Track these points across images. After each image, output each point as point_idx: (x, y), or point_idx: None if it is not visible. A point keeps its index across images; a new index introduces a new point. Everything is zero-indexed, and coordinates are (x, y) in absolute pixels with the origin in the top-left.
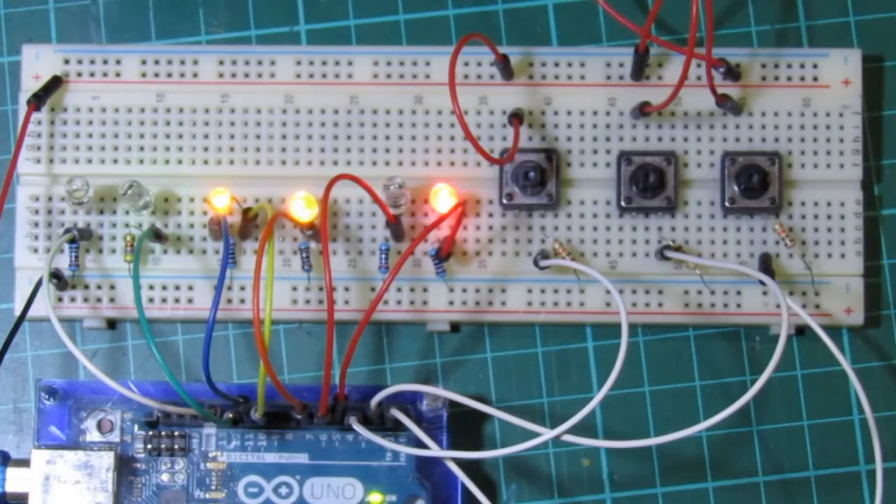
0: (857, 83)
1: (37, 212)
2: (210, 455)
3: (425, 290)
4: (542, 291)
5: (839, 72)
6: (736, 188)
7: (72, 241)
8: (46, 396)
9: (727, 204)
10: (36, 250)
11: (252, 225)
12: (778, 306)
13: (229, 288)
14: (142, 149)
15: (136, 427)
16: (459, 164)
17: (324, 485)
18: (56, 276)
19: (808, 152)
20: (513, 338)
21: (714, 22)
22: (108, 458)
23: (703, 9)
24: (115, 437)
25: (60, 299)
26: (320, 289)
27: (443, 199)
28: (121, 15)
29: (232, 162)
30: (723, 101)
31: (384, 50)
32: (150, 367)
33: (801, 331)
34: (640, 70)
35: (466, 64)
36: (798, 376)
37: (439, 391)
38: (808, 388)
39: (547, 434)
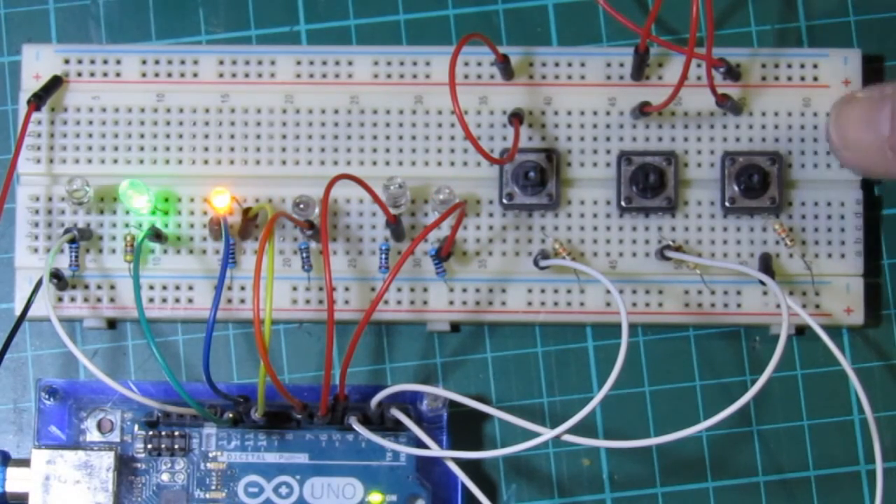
0: (857, 83)
1: (37, 212)
2: (210, 455)
3: (425, 290)
4: (542, 291)
5: (839, 72)
6: (736, 188)
7: (72, 241)
8: (46, 396)
9: (727, 204)
10: (36, 250)
11: (252, 225)
12: (778, 306)
13: (229, 288)
14: (142, 149)
15: (136, 427)
16: (459, 164)
17: (324, 485)
18: (56, 276)
19: (808, 152)
20: (513, 338)
21: (714, 22)
22: (108, 458)
23: (703, 9)
24: (115, 436)
25: (60, 299)
26: (320, 289)
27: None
28: (121, 15)
29: (232, 162)
30: (723, 101)
31: (384, 50)
32: (150, 367)
33: (801, 331)
34: (640, 70)
35: (466, 64)
36: (798, 376)
37: (439, 391)
38: (808, 388)
39: (547, 434)
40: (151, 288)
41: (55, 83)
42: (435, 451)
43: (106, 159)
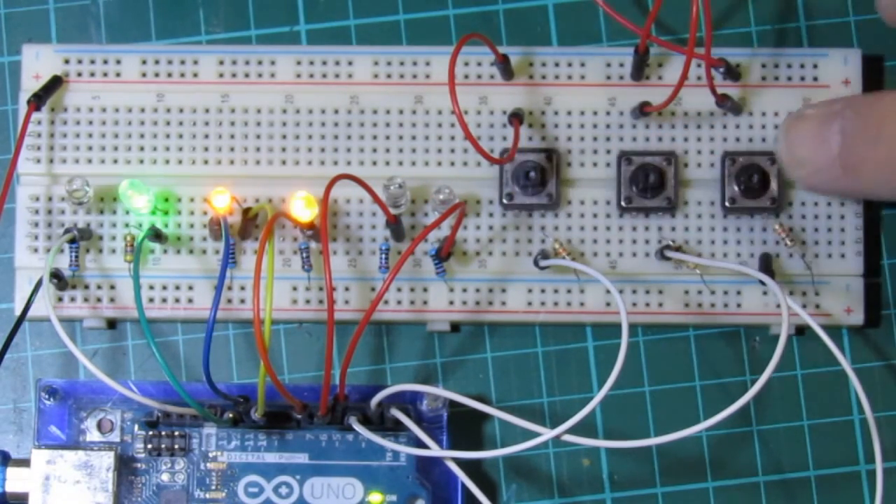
0: (856, 83)
1: (37, 212)
2: (210, 455)
3: (425, 290)
4: (542, 291)
5: (839, 72)
6: (736, 188)
7: (72, 241)
8: (46, 396)
9: (727, 204)
10: (36, 250)
11: (252, 225)
12: (778, 306)
13: (229, 288)
14: (142, 149)
15: (136, 427)
16: (459, 164)
17: (324, 485)
18: (56, 276)
19: None
20: (513, 338)
21: (714, 22)
22: (108, 458)
23: (703, 9)
24: (115, 437)
25: (60, 299)
26: (320, 289)
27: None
28: (121, 15)
29: (232, 162)
30: (723, 101)
31: (384, 50)
32: (150, 367)
33: (801, 331)
34: (640, 70)
35: (466, 64)
36: (798, 376)
37: (439, 391)
38: (808, 388)
39: (547, 434)
40: (151, 288)
41: (55, 83)
42: (435, 451)
43: (106, 159)
